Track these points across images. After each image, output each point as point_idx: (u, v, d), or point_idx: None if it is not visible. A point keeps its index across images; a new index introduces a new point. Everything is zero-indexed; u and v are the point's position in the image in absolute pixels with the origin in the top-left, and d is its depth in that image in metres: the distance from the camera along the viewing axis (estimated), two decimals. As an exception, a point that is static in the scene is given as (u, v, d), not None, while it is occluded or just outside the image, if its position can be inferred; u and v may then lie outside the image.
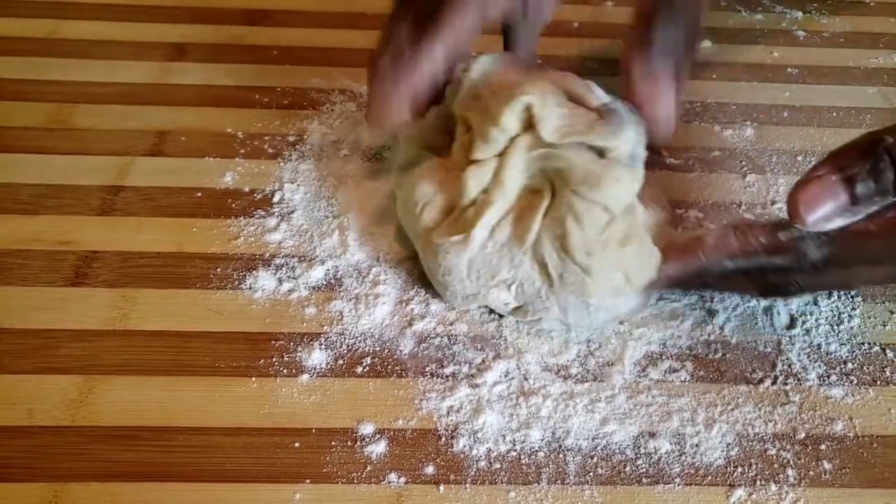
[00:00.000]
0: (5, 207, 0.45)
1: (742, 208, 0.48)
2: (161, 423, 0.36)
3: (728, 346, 0.40)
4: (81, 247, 0.43)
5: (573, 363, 0.39)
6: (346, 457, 0.35)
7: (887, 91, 0.58)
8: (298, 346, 0.39)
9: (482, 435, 0.36)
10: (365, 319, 0.40)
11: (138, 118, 0.52)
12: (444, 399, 0.37)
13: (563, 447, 0.36)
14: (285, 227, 0.45)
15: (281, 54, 0.58)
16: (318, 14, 0.63)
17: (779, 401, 0.38)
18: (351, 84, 0.56)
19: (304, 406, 0.37)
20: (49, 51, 0.57)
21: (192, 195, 0.47)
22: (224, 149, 0.50)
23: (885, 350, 0.40)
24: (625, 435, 0.36)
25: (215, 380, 0.37)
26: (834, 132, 0.54)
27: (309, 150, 0.50)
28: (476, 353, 0.39)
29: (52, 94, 0.53)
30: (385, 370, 0.38)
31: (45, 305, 0.40)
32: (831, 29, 0.65)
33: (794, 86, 0.58)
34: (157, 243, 0.43)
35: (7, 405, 0.36)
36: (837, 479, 0.35)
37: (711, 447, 0.36)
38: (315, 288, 0.42)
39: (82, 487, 0.33)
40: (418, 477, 0.34)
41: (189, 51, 0.58)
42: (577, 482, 0.34)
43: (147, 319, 0.40)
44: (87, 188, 0.47)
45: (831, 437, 0.37)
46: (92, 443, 0.35)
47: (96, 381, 0.37)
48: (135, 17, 0.61)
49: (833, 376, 0.39)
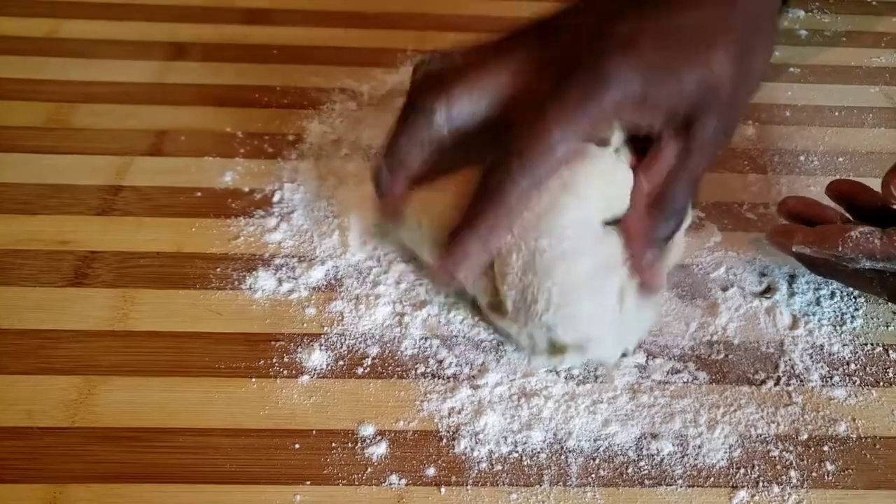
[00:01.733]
0: (4, 207, 0.45)
1: (744, 208, 0.48)
2: (161, 424, 0.35)
3: (730, 346, 0.40)
4: (81, 247, 0.43)
5: (574, 364, 0.39)
6: (346, 458, 0.35)
7: (889, 90, 0.58)
8: (299, 346, 0.39)
9: (483, 436, 0.36)
10: (365, 320, 0.40)
11: (138, 118, 0.52)
12: (445, 400, 0.37)
13: (564, 448, 0.35)
14: (285, 227, 0.45)
15: (281, 53, 0.58)
16: (318, 13, 0.63)
17: (781, 402, 0.38)
18: (351, 83, 0.55)
19: (305, 407, 0.36)
20: (48, 50, 0.57)
21: (191, 195, 0.46)
22: (224, 148, 0.50)
23: (888, 351, 0.40)
24: (627, 436, 0.36)
25: (215, 381, 0.37)
26: (836, 132, 0.54)
27: (309, 149, 0.50)
28: (477, 355, 0.39)
29: (51, 93, 0.53)
30: (386, 371, 0.38)
31: (45, 306, 0.40)
32: (833, 28, 0.64)
33: (796, 85, 0.58)
34: (157, 243, 0.43)
35: (6, 406, 0.36)
36: (840, 481, 0.35)
37: (714, 448, 0.36)
38: (315, 288, 0.42)
39: (82, 488, 0.33)
40: (419, 478, 0.34)
41: (189, 50, 0.58)
42: (579, 484, 0.34)
43: (146, 320, 0.40)
44: (87, 188, 0.46)
45: (834, 439, 0.36)
46: (91, 444, 0.35)
47: (96, 381, 0.37)
48: (134, 17, 0.61)
49: (836, 377, 0.39)
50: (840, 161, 0.51)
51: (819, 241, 0.39)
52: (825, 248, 0.39)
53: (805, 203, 0.43)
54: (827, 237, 0.39)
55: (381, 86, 0.56)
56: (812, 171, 0.51)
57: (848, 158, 0.52)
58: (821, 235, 0.39)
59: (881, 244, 0.37)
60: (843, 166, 0.51)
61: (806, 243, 0.39)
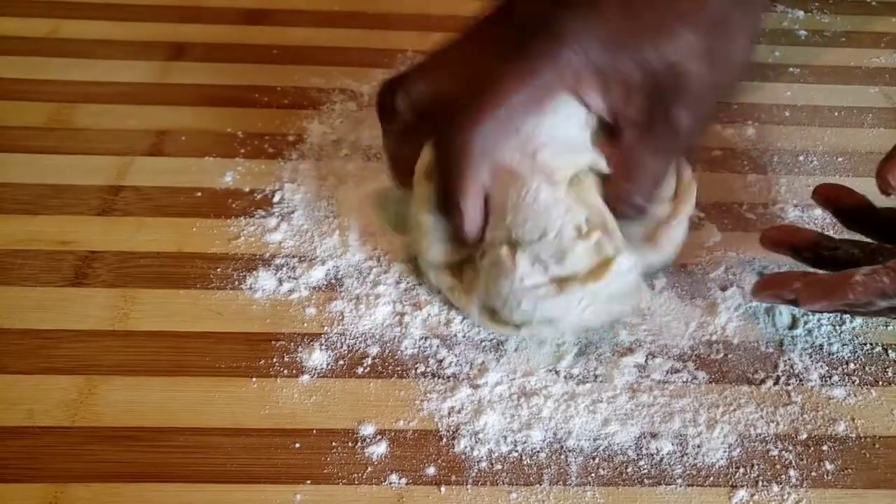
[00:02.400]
0: (5, 207, 0.45)
1: (743, 208, 0.48)
2: (161, 423, 0.35)
3: (730, 346, 0.40)
4: (81, 247, 0.43)
5: (575, 363, 0.39)
6: (346, 457, 0.35)
7: (889, 90, 0.58)
8: (299, 346, 0.39)
9: (483, 436, 0.36)
10: (366, 320, 0.40)
11: (138, 118, 0.52)
12: (445, 400, 0.37)
13: (564, 448, 0.35)
14: (286, 227, 0.45)
15: (281, 54, 0.58)
16: (318, 14, 0.63)
17: (781, 401, 0.38)
18: (351, 83, 0.55)
19: (305, 407, 0.36)
20: (49, 50, 0.57)
21: (191, 195, 0.46)
22: (224, 148, 0.50)
23: (887, 350, 0.40)
24: (626, 435, 0.36)
25: (215, 380, 0.37)
26: (835, 132, 0.54)
27: (309, 149, 0.50)
28: (477, 354, 0.39)
29: (52, 93, 0.53)
30: (386, 371, 0.38)
31: (45, 305, 0.40)
32: (833, 28, 0.64)
33: (796, 85, 0.58)
34: (157, 243, 0.43)
35: (7, 405, 0.36)
36: (840, 480, 0.35)
37: (713, 448, 0.36)
38: (315, 288, 0.42)
39: (83, 488, 0.33)
40: (419, 478, 0.34)
41: (189, 50, 0.58)
42: (578, 483, 0.34)
43: (147, 319, 0.40)
44: (87, 188, 0.46)
45: (833, 438, 0.36)
46: (92, 443, 0.35)
47: (96, 381, 0.37)
48: (135, 17, 0.61)
49: (835, 377, 0.39)
50: (839, 161, 0.51)
51: (826, 295, 0.36)
52: (835, 300, 0.36)
53: (784, 231, 0.42)
54: (833, 289, 0.36)
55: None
56: (811, 171, 0.51)
57: (847, 158, 0.52)
58: (826, 290, 0.36)
59: (890, 280, 0.35)
60: (843, 166, 0.51)
61: (812, 301, 0.37)
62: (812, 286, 0.37)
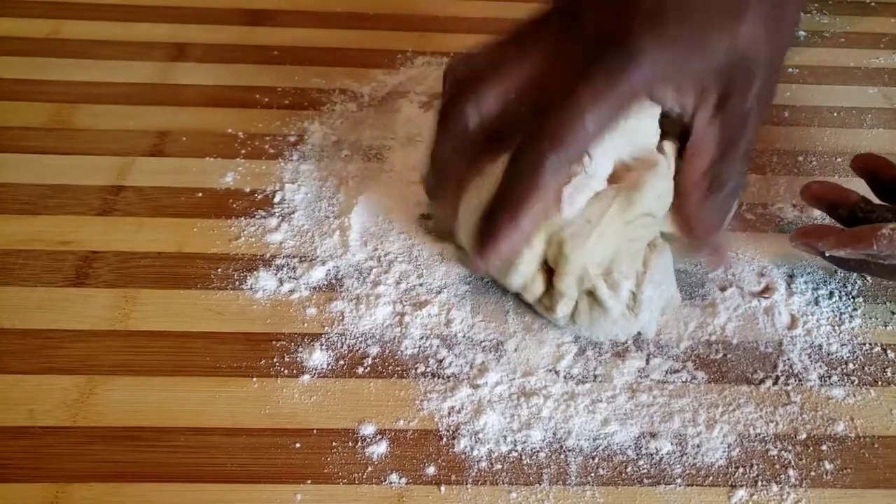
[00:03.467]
0: (6, 207, 0.45)
1: (743, 208, 0.48)
2: (162, 423, 0.36)
3: (729, 346, 0.40)
4: (82, 247, 0.43)
5: (574, 363, 0.39)
6: (347, 457, 0.35)
7: (888, 91, 0.58)
8: (299, 346, 0.39)
9: (483, 435, 0.36)
10: (366, 320, 0.40)
11: (139, 118, 0.52)
12: (445, 399, 0.37)
13: (564, 448, 0.36)
14: (286, 228, 0.45)
15: (281, 54, 0.58)
16: (318, 14, 0.63)
17: (780, 401, 0.38)
18: (351, 84, 0.56)
19: (305, 407, 0.37)
20: (50, 51, 0.57)
21: (192, 195, 0.47)
22: (225, 149, 0.50)
23: (887, 350, 0.40)
24: (626, 435, 0.36)
25: (216, 380, 0.37)
26: (835, 132, 0.54)
27: (310, 150, 0.50)
28: (477, 354, 0.39)
29: (52, 94, 0.53)
30: (386, 371, 0.38)
31: (46, 306, 0.40)
32: (832, 29, 0.65)
33: (795, 85, 0.58)
34: (158, 243, 0.43)
35: (8, 405, 0.36)
36: (839, 480, 0.35)
37: (713, 448, 0.36)
38: (316, 288, 0.42)
39: (84, 488, 0.33)
40: (419, 477, 0.34)
41: (189, 51, 0.58)
42: (578, 483, 0.34)
43: (148, 320, 0.40)
44: (88, 188, 0.47)
45: (832, 438, 0.37)
46: (93, 443, 0.35)
47: (97, 381, 0.37)
48: (135, 17, 0.61)
49: (834, 377, 0.39)
50: (838, 161, 0.51)
51: (853, 242, 0.39)
52: (860, 248, 0.39)
53: (827, 187, 0.43)
54: (860, 238, 0.39)
55: (382, 87, 0.56)
56: (811, 171, 0.51)
57: (846, 159, 0.51)
58: (854, 237, 0.39)
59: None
60: (842, 166, 0.51)
61: (840, 246, 0.40)
62: (843, 236, 0.40)
